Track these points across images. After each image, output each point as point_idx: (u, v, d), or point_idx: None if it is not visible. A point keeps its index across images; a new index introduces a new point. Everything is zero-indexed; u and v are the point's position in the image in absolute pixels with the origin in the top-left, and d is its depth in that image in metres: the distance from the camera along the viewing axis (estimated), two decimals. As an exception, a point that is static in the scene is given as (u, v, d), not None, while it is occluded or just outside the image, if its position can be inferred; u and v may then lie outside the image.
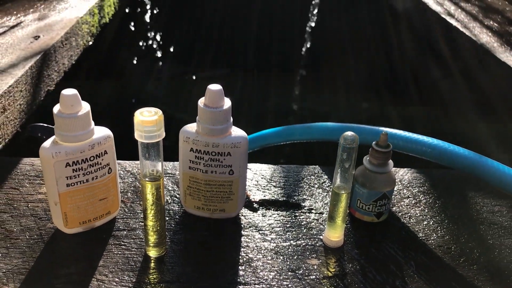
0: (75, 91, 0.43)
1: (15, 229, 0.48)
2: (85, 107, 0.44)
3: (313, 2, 1.58)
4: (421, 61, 1.40)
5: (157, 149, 0.41)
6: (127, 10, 1.51)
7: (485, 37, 1.08)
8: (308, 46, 1.70)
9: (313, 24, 1.63)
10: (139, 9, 1.58)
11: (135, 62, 1.67)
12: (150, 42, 1.68)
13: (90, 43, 1.16)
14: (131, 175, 0.58)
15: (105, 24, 1.28)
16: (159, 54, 1.71)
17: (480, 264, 0.47)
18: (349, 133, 0.42)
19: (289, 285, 0.43)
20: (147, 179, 0.42)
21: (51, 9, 1.15)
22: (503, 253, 0.48)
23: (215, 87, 0.45)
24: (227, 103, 0.46)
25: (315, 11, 1.60)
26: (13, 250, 0.45)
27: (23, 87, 0.81)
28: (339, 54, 1.79)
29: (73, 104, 0.42)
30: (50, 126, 0.78)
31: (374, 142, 0.49)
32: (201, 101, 0.46)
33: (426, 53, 1.38)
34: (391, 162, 0.49)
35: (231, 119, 0.47)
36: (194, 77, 1.80)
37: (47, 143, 0.44)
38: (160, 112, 0.40)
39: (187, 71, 1.79)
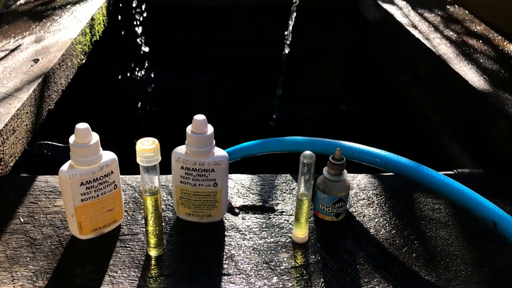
0: (87, 125, 0.53)
1: (38, 237, 0.58)
2: (95, 137, 0.54)
3: (292, 16, 1.68)
4: (393, 68, 1.52)
5: (155, 170, 0.51)
6: (115, 25, 1.60)
7: (443, 48, 1.20)
8: (287, 52, 1.81)
9: (291, 34, 1.74)
10: (126, 24, 1.67)
11: (124, 73, 1.76)
12: (139, 53, 1.78)
13: (84, 61, 1.26)
14: (131, 188, 0.68)
15: (96, 41, 1.37)
16: (146, 64, 1.81)
17: (418, 252, 0.58)
18: (307, 152, 0.53)
19: (264, 275, 0.54)
20: (147, 194, 0.52)
21: (46, 30, 1.24)
22: (438, 243, 0.60)
23: (200, 117, 0.56)
24: (210, 129, 0.56)
25: (293, 21, 1.71)
26: (39, 254, 0.55)
27: (29, 109, 0.90)
28: (318, 60, 1.90)
29: (85, 135, 0.53)
30: (54, 144, 0.88)
31: (330, 156, 0.60)
32: (189, 128, 0.57)
33: (396, 60, 1.50)
34: (345, 171, 0.60)
35: (214, 141, 0.57)
36: (182, 84, 1.89)
37: (64, 167, 0.54)
38: (156, 141, 0.50)
39: (176, 79, 1.88)
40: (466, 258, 0.58)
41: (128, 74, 1.78)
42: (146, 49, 1.74)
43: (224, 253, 0.57)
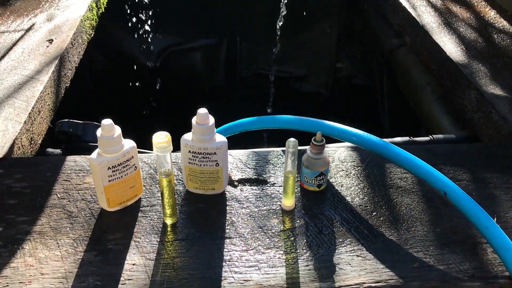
0: (111, 121, 0.64)
1: (73, 210, 0.71)
2: (118, 130, 0.65)
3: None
4: (383, 30, 1.60)
5: (168, 157, 0.63)
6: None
7: (427, 17, 1.28)
8: (285, 13, 1.87)
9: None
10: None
11: (129, 38, 1.85)
12: (142, 18, 1.85)
13: (92, 35, 1.35)
14: (147, 165, 0.80)
15: (102, 14, 1.46)
16: (148, 29, 1.88)
17: (385, 216, 0.71)
18: (292, 140, 0.65)
19: (258, 237, 0.67)
20: (163, 176, 0.65)
21: (55, 7, 1.32)
22: (402, 208, 0.73)
23: (202, 110, 0.67)
24: (211, 120, 0.68)
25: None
26: (76, 225, 0.69)
27: (50, 90, 1.01)
28: (315, 21, 1.97)
29: (110, 130, 0.64)
30: (74, 121, 0.99)
31: (313, 138, 0.72)
32: (194, 120, 0.68)
33: (385, 24, 1.58)
34: (325, 150, 0.72)
35: (215, 129, 0.69)
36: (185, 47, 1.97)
37: (94, 155, 0.66)
38: (168, 135, 0.62)
39: (180, 43, 1.96)
40: (424, 220, 0.70)
41: (130, 39, 1.86)
42: (149, 13, 1.82)
43: (226, 220, 0.70)
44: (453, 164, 0.81)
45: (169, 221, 0.69)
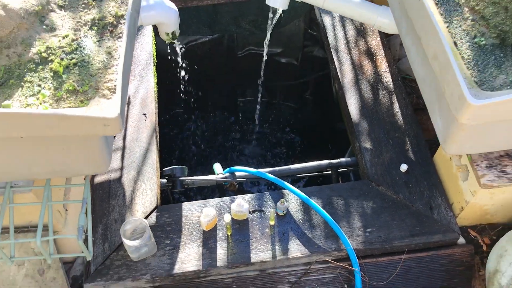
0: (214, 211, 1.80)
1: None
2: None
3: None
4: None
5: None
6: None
7: (347, 70, 2.26)
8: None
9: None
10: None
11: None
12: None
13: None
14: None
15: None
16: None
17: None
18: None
19: (262, 237, 1.89)
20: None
21: (138, 80, 2.28)
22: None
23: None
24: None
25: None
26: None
27: (158, 155, 2.10)
28: (290, 17, 2.83)
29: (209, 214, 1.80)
30: (173, 167, 2.09)
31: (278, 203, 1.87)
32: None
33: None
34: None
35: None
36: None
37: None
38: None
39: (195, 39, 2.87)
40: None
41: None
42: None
43: (250, 230, 1.90)
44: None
45: (229, 233, 1.90)
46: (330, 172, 2.17)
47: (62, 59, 1.24)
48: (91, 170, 1.37)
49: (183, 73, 2.74)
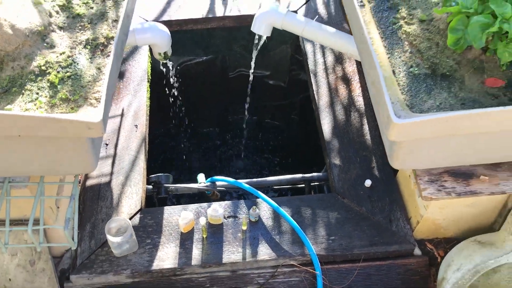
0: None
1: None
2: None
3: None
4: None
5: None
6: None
7: (324, 92, 2.47)
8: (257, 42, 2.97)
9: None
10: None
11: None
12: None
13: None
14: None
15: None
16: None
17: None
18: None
19: (234, 241, 2.07)
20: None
21: (132, 94, 2.50)
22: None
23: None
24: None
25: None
26: (174, 237, 2.08)
27: (145, 162, 2.30)
28: (277, 44, 3.06)
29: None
30: (159, 174, 2.29)
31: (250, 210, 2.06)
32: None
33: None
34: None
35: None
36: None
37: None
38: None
39: (190, 59, 3.10)
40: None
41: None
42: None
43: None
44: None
45: (205, 236, 2.09)
46: (304, 185, 2.36)
47: (58, 72, 1.45)
48: (79, 169, 1.57)
49: (176, 91, 2.96)
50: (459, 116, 1.25)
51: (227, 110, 3.38)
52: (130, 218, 2.08)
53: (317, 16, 2.65)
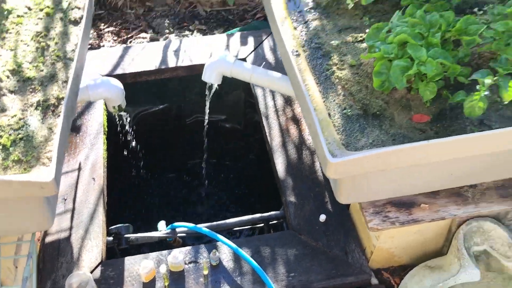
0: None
1: (134, 281, 2.11)
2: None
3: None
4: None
5: (165, 271, 2.02)
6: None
7: (276, 134, 2.57)
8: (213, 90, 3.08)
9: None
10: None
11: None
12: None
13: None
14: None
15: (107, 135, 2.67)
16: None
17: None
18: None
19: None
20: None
21: (89, 148, 2.55)
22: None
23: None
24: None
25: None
26: (136, 287, 2.09)
27: (103, 213, 2.33)
28: (231, 89, 3.18)
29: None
30: (120, 225, 2.32)
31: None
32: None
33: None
34: (217, 253, 2.12)
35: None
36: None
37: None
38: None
39: (146, 108, 3.18)
40: (251, 272, 2.14)
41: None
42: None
43: (186, 280, 2.12)
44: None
45: (167, 283, 2.11)
46: (263, 224, 2.43)
47: (10, 134, 1.50)
48: (35, 227, 1.60)
49: (134, 140, 3.02)
50: (389, 152, 1.36)
51: (186, 155, 3.45)
52: (91, 272, 2.08)
53: (264, 62, 2.79)
